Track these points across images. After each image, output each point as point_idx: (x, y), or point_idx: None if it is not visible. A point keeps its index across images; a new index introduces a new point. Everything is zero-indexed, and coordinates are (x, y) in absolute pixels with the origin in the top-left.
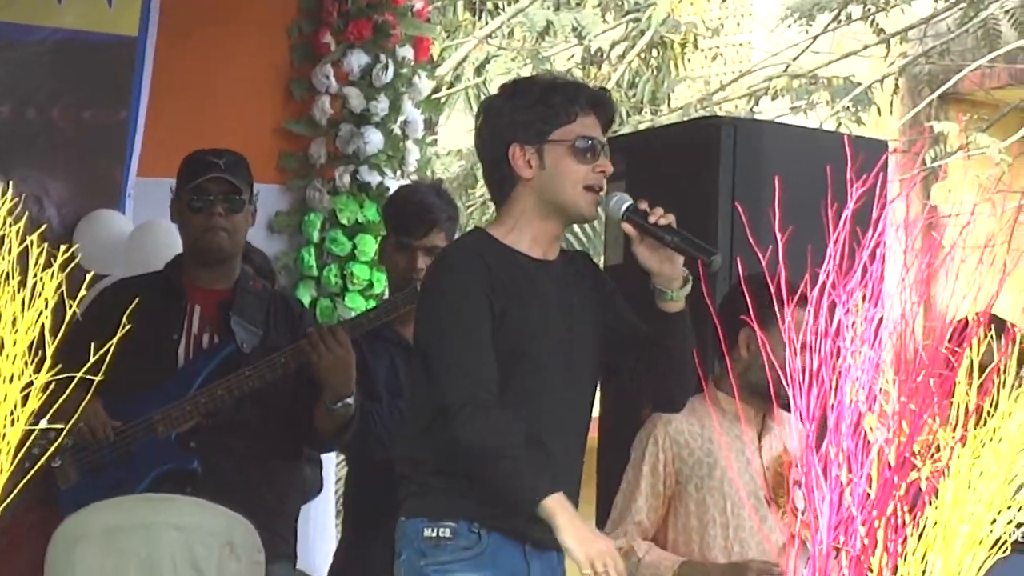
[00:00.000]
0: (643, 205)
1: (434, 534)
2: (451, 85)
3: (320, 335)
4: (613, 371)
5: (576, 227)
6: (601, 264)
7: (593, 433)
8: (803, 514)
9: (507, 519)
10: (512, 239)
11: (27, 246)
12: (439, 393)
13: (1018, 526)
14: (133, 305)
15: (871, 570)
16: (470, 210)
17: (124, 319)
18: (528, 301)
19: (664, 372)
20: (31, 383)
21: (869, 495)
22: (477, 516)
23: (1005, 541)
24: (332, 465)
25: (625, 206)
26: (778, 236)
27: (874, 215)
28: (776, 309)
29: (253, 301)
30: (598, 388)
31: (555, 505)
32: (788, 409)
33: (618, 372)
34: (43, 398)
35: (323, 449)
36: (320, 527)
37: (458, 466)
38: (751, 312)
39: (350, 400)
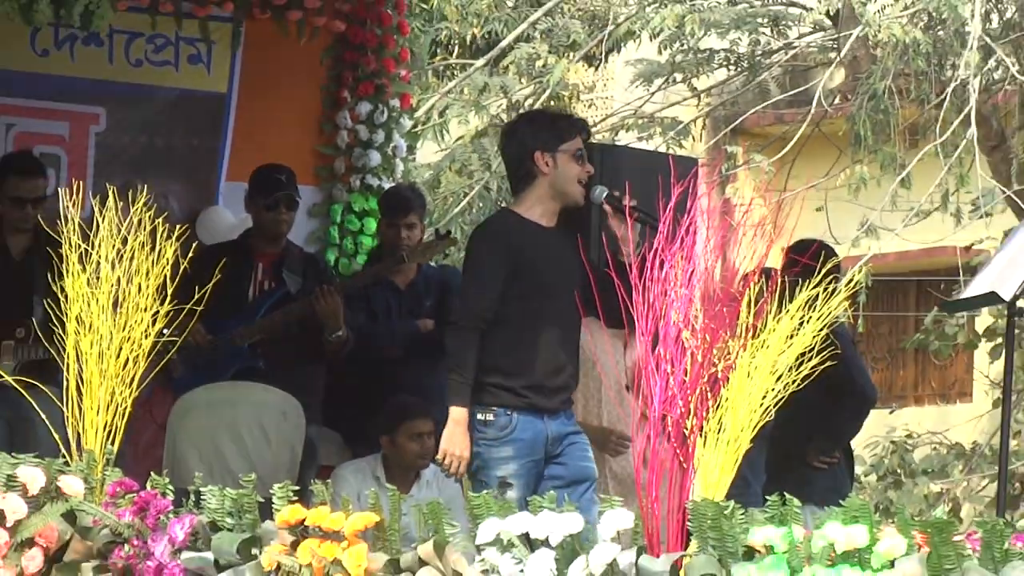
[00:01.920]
0: (616, 193)
1: (483, 417)
2: (424, 123)
3: (320, 292)
4: (584, 297)
5: None
6: None
7: None
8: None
9: (529, 401)
10: (529, 214)
11: (156, 225)
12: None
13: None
14: (221, 263)
15: (686, 428)
16: (436, 201)
17: (216, 271)
18: (539, 253)
19: (613, 300)
20: (158, 311)
21: (685, 381)
22: (508, 404)
23: (769, 407)
24: None
25: (605, 194)
26: (628, 218)
27: (689, 205)
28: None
29: (296, 260)
30: None
31: (454, 414)
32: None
33: (586, 298)
34: (164, 321)
35: (333, 360)
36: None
37: (494, 367)
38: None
39: (340, 333)
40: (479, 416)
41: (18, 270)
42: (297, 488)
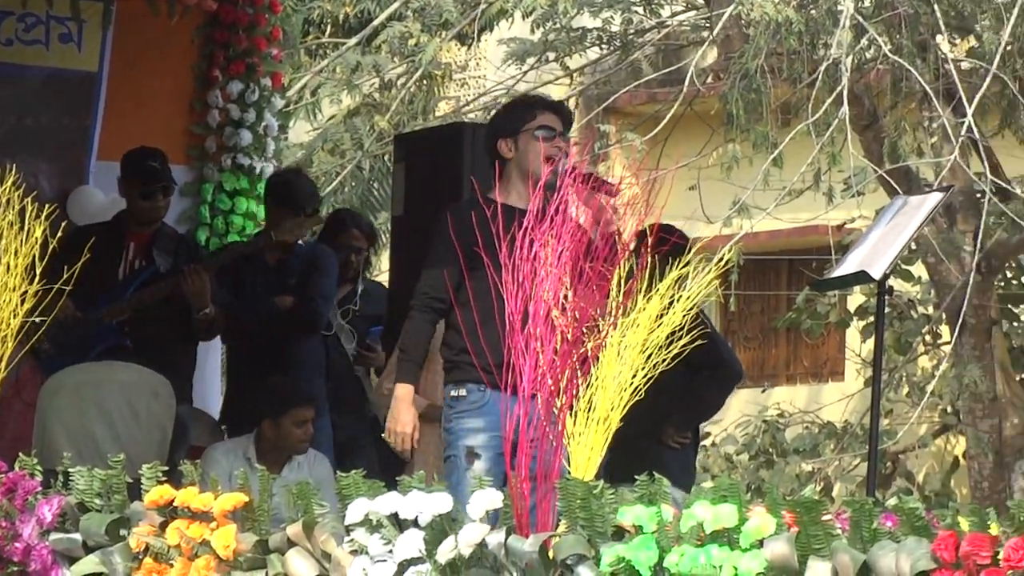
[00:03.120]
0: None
1: (456, 393)
2: (296, 103)
3: (187, 270)
4: None
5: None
6: (388, 215)
7: None
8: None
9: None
10: (503, 197)
11: (25, 204)
12: None
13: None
14: (91, 243)
15: (556, 407)
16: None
17: (85, 250)
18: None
19: None
20: (27, 292)
21: (555, 360)
22: (480, 380)
23: (639, 388)
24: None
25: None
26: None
27: (559, 183)
28: None
29: (168, 240)
30: None
31: (399, 391)
32: None
33: None
34: (33, 301)
35: (203, 338)
36: (210, 379)
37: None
38: None
39: (207, 311)
40: (452, 393)
41: None
42: (166, 468)
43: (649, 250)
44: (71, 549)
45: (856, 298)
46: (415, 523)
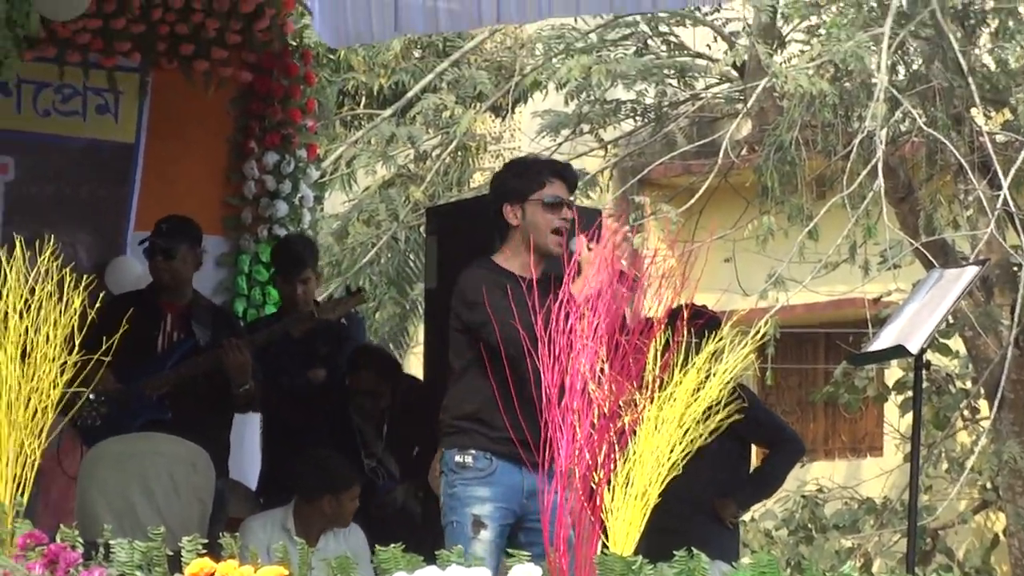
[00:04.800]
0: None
1: (461, 460)
2: (331, 173)
3: (228, 345)
4: None
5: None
6: (422, 287)
7: None
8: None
9: (510, 450)
10: (507, 264)
11: (63, 274)
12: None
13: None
14: (129, 313)
15: (594, 482)
16: (343, 252)
17: (124, 320)
18: (517, 300)
19: None
20: (66, 362)
21: (591, 433)
22: (488, 448)
23: (677, 462)
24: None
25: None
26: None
27: (593, 256)
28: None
29: (204, 312)
30: None
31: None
32: None
33: None
34: (73, 371)
35: (241, 411)
36: (249, 450)
37: (475, 412)
38: None
39: (247, 387)
40: (457, 459)
41: None
42: (206, 541)
43: (684, 326)
44: None
45: (894, 372)
46: None
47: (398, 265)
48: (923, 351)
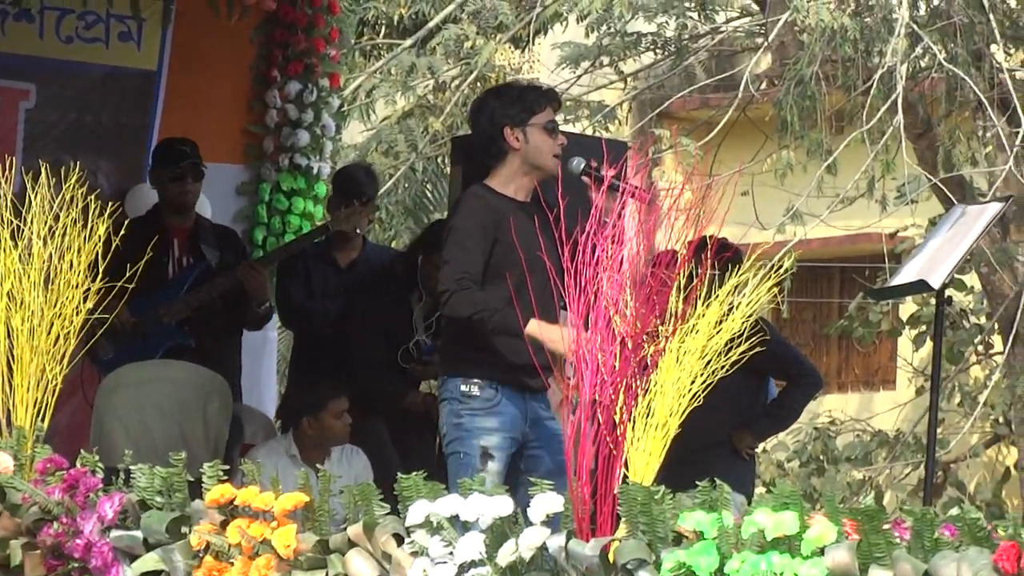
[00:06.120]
0: (593, 164)
1: (467, 388)
2: (350, 103)
3: (247, 266)
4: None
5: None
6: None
7: None
8: (571, 379)
9: (514, 377)
10: (504, 189)
11: (88, 202)
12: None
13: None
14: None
15: (616, 413)
16: None
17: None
18: (518, 227)
19: None
20: (89, 288)
21: (615, 366)
22: (493, 377)
23: (698, 393)
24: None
25: (583, 165)
26: (560, 199)
27: (620, 188)
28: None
29: (210, 234)
30: None
31: (529, 328)
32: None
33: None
34: (96, 298)
35: (254, 328)
36: (266, 378)
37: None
38: None
39: (267, 304)
40: (462, 388)
41: None
42: (227, 467)
43: (708, 259)
44: (132, 547)
45: (908, 307)
46: (476, 525)
47: (415, 195)
48: (944, 286)
